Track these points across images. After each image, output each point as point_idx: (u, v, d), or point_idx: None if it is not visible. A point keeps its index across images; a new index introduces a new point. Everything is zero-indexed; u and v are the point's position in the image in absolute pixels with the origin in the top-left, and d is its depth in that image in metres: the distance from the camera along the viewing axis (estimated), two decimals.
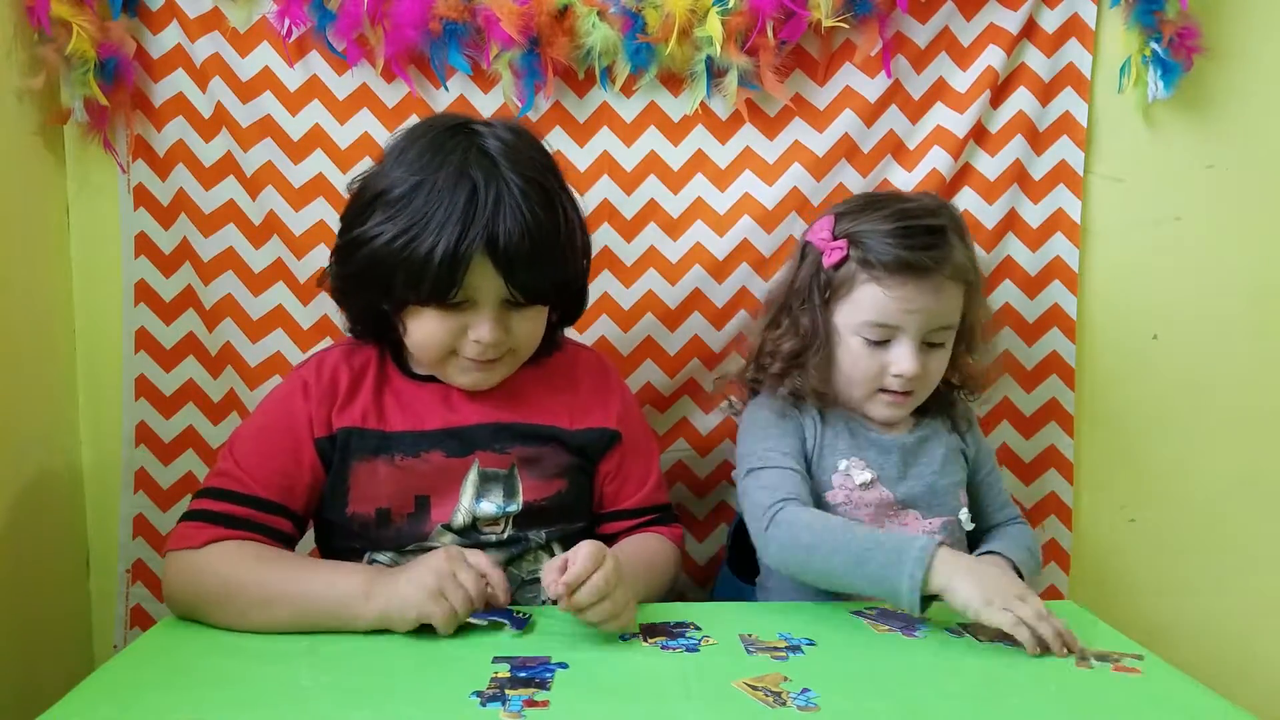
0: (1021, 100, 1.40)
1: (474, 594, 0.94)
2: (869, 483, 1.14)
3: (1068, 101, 1.41)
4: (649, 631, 0.97)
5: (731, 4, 1.30)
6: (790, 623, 1.01)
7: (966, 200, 1.41)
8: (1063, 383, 1.45)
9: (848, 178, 1.40)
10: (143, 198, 1.38)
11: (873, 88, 1.39)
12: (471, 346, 1.04)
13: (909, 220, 1.11)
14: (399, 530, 1.07)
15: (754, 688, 0.85)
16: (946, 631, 0.99)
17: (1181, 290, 1.46)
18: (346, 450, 1.07)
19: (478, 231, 0.98)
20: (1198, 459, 1.48)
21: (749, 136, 1.40)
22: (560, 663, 0.89)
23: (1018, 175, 1.42)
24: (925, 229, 1.11)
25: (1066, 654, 0.93)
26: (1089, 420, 1.47)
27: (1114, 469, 1.48)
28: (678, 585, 1.22)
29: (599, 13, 1.31)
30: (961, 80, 1.40)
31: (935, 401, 1.20)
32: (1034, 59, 1.40)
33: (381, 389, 1.11)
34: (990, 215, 1.41)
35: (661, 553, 1.15)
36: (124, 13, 1.32)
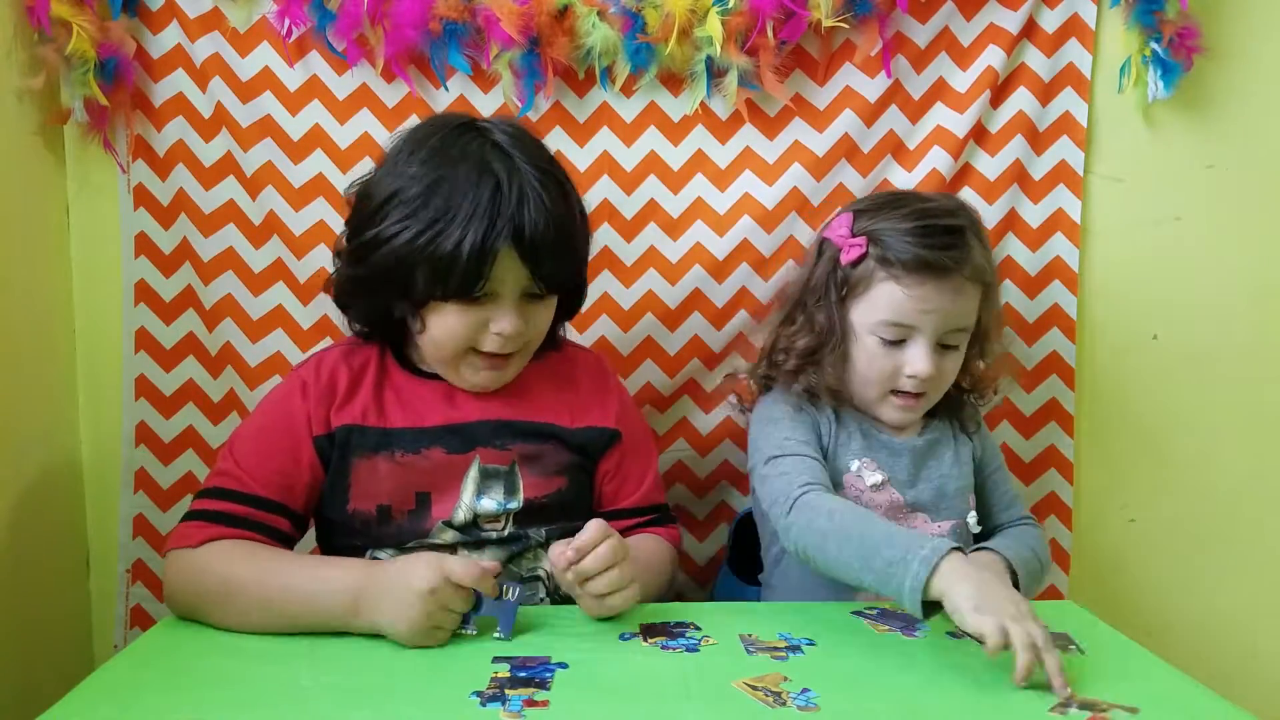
0: (1021, 100, 1.40)
1: (462, 608, 0.94)
2: (879, 484, 1.14)
3: (1068, 101, 1.41)
4: (649, 631, 0.97)
5: (731, 4, 1.30)
6: (790, 623, 1.01)
7: (966, 200, 1.40)
8: (1063, 383, 1.45)
9: (848, 178, 1.40)
10: (143, 198, 1.39)
11: (873, 88, 1.39)
12: (492, 340, 1.05)
13: (929, 220, 1.10)
14: (400, 527, 1.07)
15: (754, 688, 0.85)
16: (946, 632, 0.99)
17: (1181, 290, 1.46)
18: (346, 447, 1.07)
19: (504, 224, 0.99)
20: (1198, 459, 1.48)
21: (749, 136, 1.40)
22: (560, 663, 0.89)
23: (1018, 175, 1.42)
24: (945, 229, 1.10)
25: (1024, 684, 0.83)
26: (1089, 420, 1.47)
27: (1114, 469, 1.48)
28: (676, 585, 1.22)
29: (599, 13, 1.31)
30: (961, 80, 1.39)
31: (945, 404, 1.19)
32: (1034, 59, 1.40)
33: (382, 386, 1.11)
34: (990, 215, 1.41)
35: (659, 553, 1.15)
36: (124, 13, 1.32)
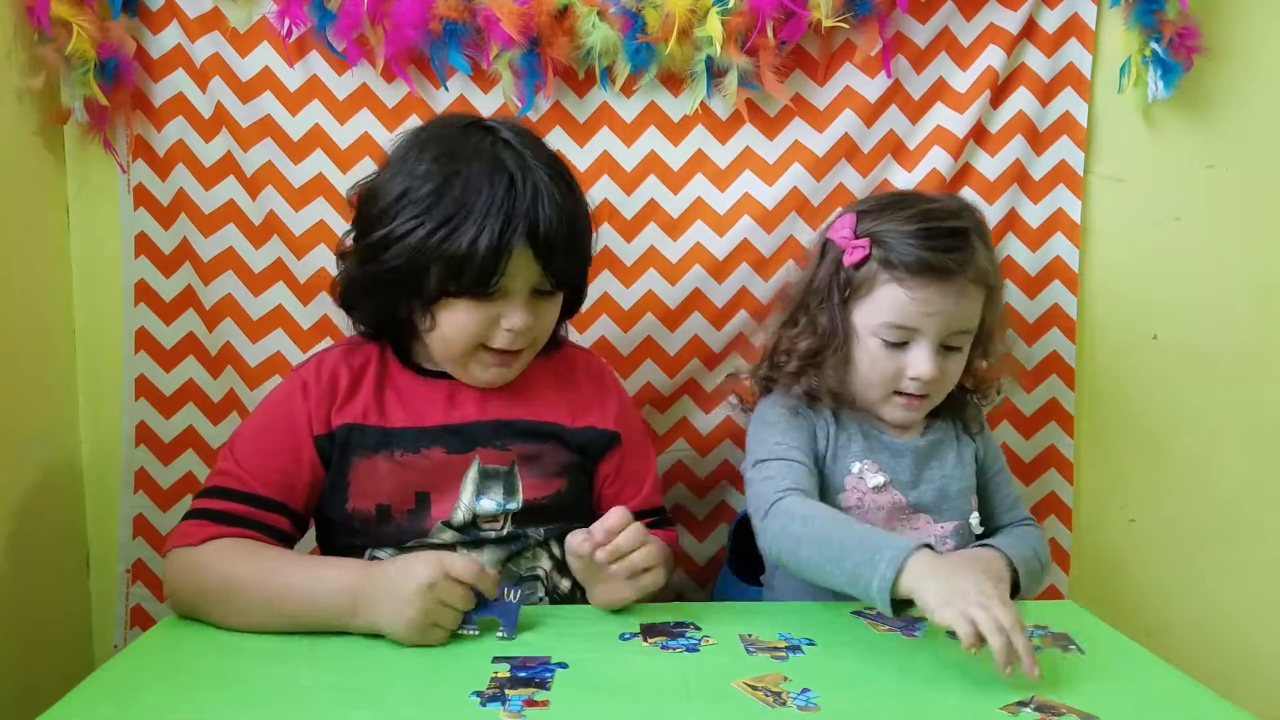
0: (1021, 100, 1.40)
1: (462, 606, 0.94)
2: (881, 486, 1.13)
3: (1068, 101, 1.41)
4: (649, 631, 0.97)
5: (731, 4, 1.30)
6: (790, 623, 1.01)
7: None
8: (1063, 383, 1.45)
9: (848, 178, 1.40)
10: (143, 198, 1.38)
11: (873, 88, 1.38)
12: (503, 336, 1.06)
13: (933, 221, 1.09)
14: (399, 526, 1.07)
15: (754, 688, 0.85)
16: (946, 632, 0.99)
17: (1181, 290, 1.46)
18: (346, 446, 1.07)
19: (519, 220, 1.00)
20: (1198, 459, 1.48)
21: (749, 136, 1.40)
22: (560, 663, 0.89)
23: (1018, 175, 1.42)
24: (949, 231, 1.09)
25: (1010, 673, 0.83)
26: (1089, 420, 1.47)
27: (1114, 469, 1.48)
28: (676, 585, 1.22)
29: (599, 13, 1.31)
30: (961, 80, 1.39)
31: (947, 405, 1.19)
32: (1034, 59, 1.40)
33: (383, 385, 1.11)
34: (990, 215, 1.39)
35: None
36: (124, 13, 1.32)
